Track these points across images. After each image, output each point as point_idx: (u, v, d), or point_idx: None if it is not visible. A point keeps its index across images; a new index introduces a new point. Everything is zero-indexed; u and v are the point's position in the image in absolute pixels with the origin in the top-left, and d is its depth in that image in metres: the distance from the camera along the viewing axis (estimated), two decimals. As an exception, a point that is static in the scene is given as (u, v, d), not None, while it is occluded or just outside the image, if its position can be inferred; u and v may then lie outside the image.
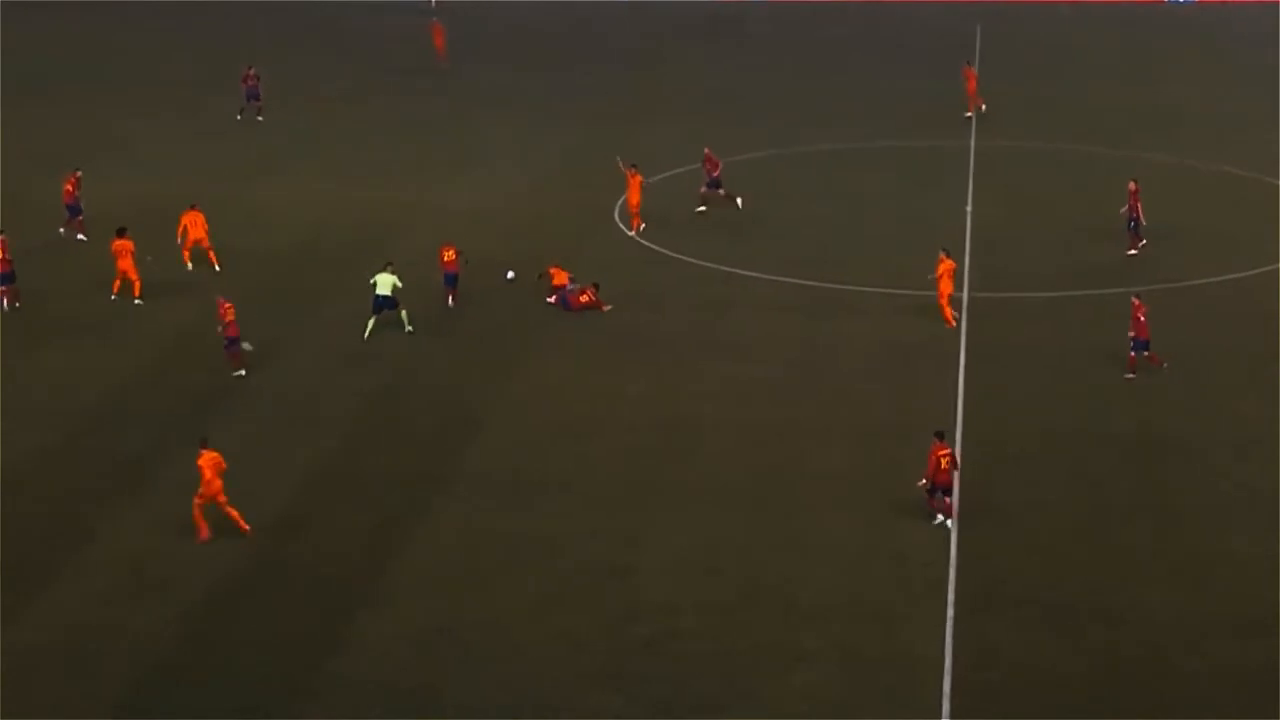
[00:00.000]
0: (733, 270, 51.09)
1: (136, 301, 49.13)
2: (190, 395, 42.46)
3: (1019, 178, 61.99)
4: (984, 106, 71.71)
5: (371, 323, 46.22)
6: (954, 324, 46.01)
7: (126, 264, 49.17)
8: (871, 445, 38.78)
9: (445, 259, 49.35)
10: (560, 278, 48.48)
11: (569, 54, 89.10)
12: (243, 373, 43.48)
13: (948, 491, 35.09)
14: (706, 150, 58.14)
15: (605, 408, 41.23)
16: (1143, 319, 42.58)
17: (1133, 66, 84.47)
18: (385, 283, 46.28)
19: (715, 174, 57.65)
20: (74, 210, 55.51)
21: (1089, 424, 40.06)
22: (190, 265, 51.72)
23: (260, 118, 72.79)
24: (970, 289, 48.83)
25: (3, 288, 49.04)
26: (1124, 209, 52.43)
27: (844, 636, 30.85)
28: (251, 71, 73.83)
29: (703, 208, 57.15)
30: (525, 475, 37.60)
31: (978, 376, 42.82)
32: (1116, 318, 45.83)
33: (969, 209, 57.04)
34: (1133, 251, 52.13)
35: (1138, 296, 43.39)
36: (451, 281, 49.22)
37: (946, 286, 46.21)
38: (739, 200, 56.93)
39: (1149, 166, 62.61)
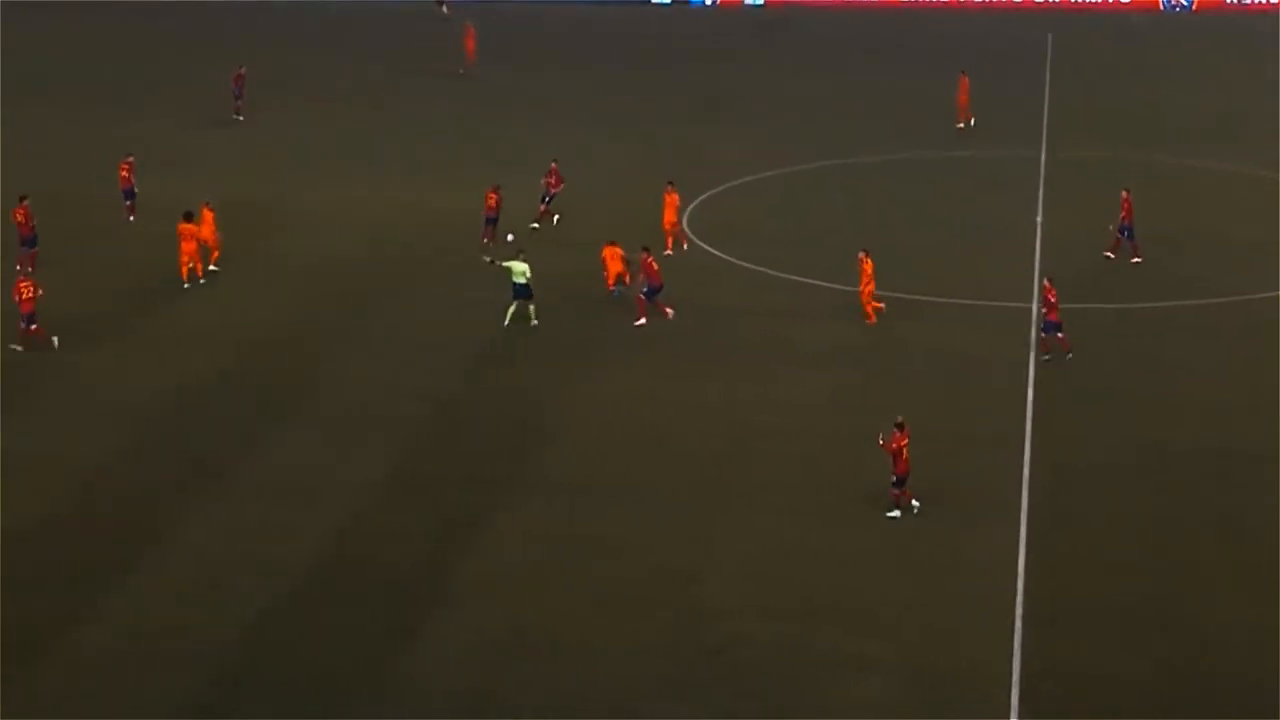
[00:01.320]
0: (799, 279, 51.02)
1: (200, 280, 50.93)
2: (254, 395, 42.77)
3: (1089, 188, 61.56)
4: (972, 121, 70.85)
5: (513, 309, 46.76)
6: (874, 320, 46.63)
7: (191, 247, 50.68)
8: (941, 455, 38.57)
9: (488, 203, 53.30)
10: (615, 260, 48.40)
11: (613, 58, 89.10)
12: (19, 349, 44.90)
13: (904, 482, 35.33)
14: (554, 164, 57.21)
15: (673, 414, 41.23)
16: (1053, 300, 43.62)
17: (1199, 74, 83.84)
18: (519, 270, 46.74)
19: (555, 190, 56.56)
20: (127, 194, 57.70)
21: (1155, 436, 39.84)
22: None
23: (239, 116, 73.54)
24: (1039, 300, 48.57)
25: (31, 251, 51.48)
26: (1120, 217, 52.20)
27: (910, 646, 30.76)
28: (241, 71, 74.44)
29: (535, 225, 55.81)
30: (593, 480, 37.67)
31: (1046, 387, 42.62)
32: (1184, 331, 45.81)
33: (1039, 219, 56.74)
34: (1109, 255, 52.17)
35: (1049, 280, 44.03)
36: (490, 223, 52.91)
37: (868, 286, 46.75)
38: (555, 218, 55.83)
39: (1217, 176, 62.39)
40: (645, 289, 47.41)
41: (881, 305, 47.16)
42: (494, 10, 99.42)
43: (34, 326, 45.26)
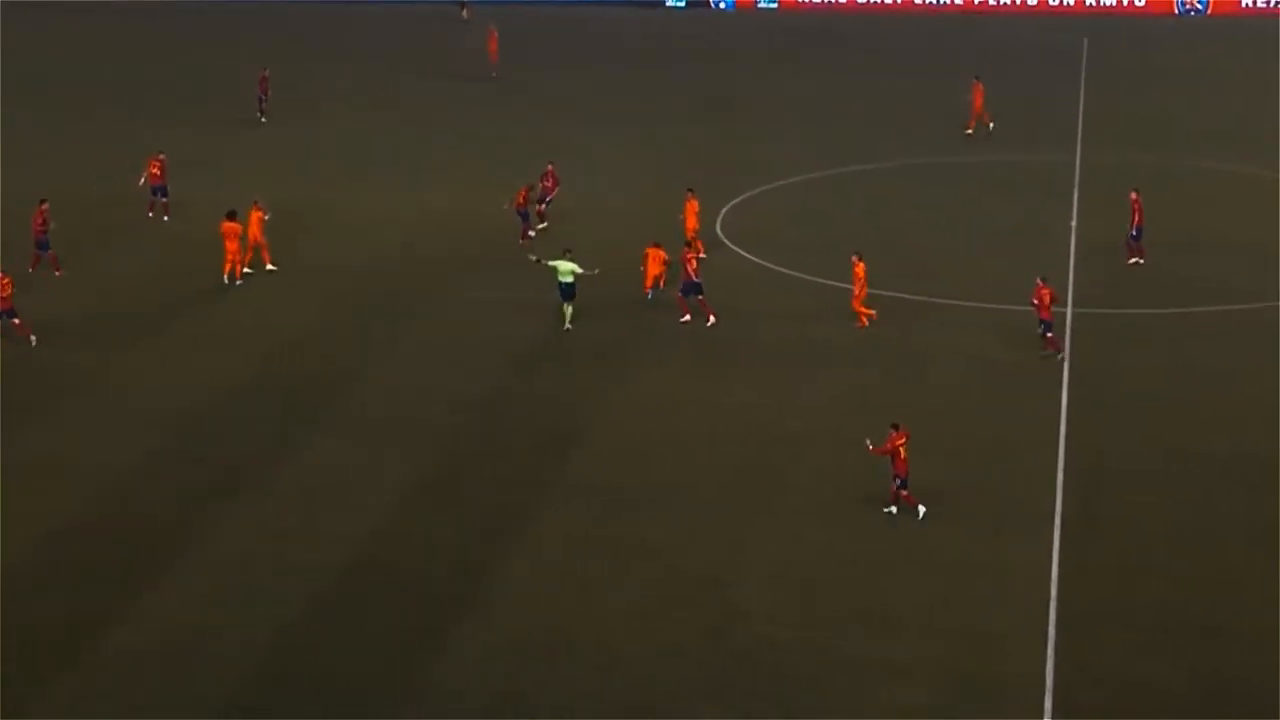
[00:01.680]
0: (829, 283, 50.86)
1: (237, 281, 51.29)
2: (289, 400, 42.77)
3: (1124, 192, 61.25)
4: (991, 126, 70.67)
5: (566, 310, 46.90)
6: (865, 325, 46.72)
7: (234, 246, 51.09)
8: (971, 461, 38.52)
9: (518, 199, 54.65)
10: (656, 263, 48.58)
11: (644, 61, 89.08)
12: (34, 339, 45.64)
13: (906, 484, 35.54)
14: (550, 167, 57.46)
15: (705, 418, 41.12)
16: (1038, 302, 44.26)
17: (1237, 79, 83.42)
18: (565, 270, 46.81)
19: (551, 193, 56.85)
20: (160, 191, 58.51)
21: (1190, 442, 39.60)
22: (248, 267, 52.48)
23: (263, 119, 74.50)
24: (1073, 305, 48.41)
25: (39, 254, 51.73)
26: (1133, 220, 52.29)
27: (943, 653, 30.60)
28: (265, 74, 75.45)
29: (544, 224, 56.15)
30: (626, 485, 37.58)
31: (1079, 393, 42.43)
32: (1215, 336, 45.71)
33: (1073, 224, 56.49)
34: (1137, 261, 52.02)
35: (1043, 279, 44.74)
36: (523, 217, 54.38)
37: (861, 290, 46.88)
38: (542, 225, 55.85)
39: (1245, 180, 62.15)
40: (681, 287, 47.38)
41: (874, 313, 47.02)
42: (515, 13, 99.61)
43: (15, 320, 45.70)
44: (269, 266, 52.19)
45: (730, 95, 79.67)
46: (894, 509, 35.65)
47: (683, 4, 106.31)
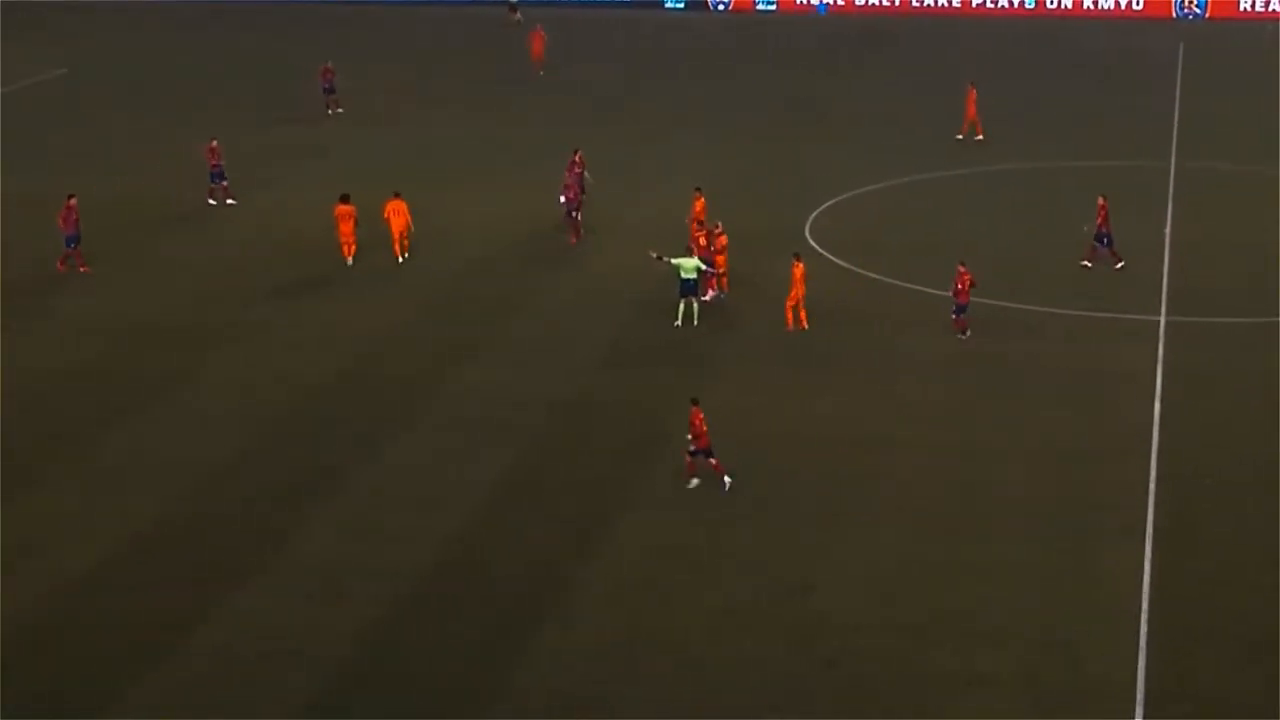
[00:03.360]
0: (918, 289, 50.49)
1: (349, 262, 52.62)
2: (376, 400, 42.92)
3: (1220, 200, 60.51)
4: (981, 135, 69.71)
5: (681, 308, 47.12)
6: (792, 328, 46.65)
7: (348, 228, 52.49)
8: (1062, 469, 38.10)
9: (568, 195, 55.45)
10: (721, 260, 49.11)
11: (726, 66, 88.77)
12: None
13: (711, 454, 36.79)
14: (578, 154, 57.84)
15: (791, 424, 40.93)
16: (962, 286, 45.59)
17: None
18: (689, 266, 47.04)
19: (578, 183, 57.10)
20: (217, 176, 59.84)
21: (1269, 453, 38.79)
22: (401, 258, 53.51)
23: (337, 110, 75.59)
24: (1167, 313, 47.81)
25: (69, 250, 52.32)
26: (1097, 224, 51.89)
27: (1030, 663, 30.29)
28: (329, 66, 76.28)
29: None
30: (711, 491, 37.40)
31: (1172, 401, 41.87)
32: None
33: (1167, 231, 55.79)
34: (1120, 265, 51.60)
35: (963, 264, 45.85)
36: (572, 208, 55.44)
37: (799, 290, 46.70)
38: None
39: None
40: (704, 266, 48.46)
41: (804, 320, 46.82)
42: (563, 14, 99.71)
43: None
44: (400, 258, 53.29)
45: (808, 98, 79.14)
46: (697, 480, 37.08)
47: (681, 5, 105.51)
